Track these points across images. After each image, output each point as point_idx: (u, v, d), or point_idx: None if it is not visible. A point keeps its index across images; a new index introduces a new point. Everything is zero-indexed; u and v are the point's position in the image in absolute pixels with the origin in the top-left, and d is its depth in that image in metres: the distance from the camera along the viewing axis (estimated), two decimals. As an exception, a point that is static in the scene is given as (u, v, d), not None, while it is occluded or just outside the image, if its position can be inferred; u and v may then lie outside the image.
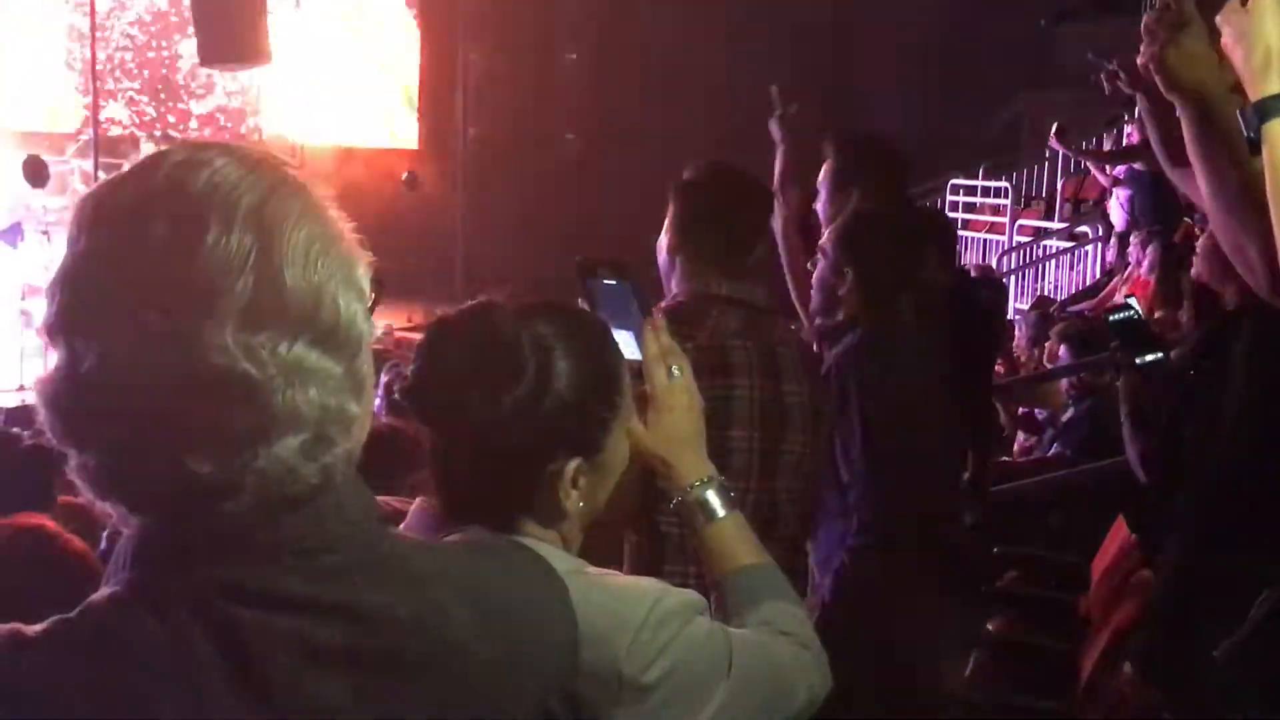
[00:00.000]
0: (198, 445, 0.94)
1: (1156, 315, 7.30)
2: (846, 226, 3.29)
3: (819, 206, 3.66)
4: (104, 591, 0.99)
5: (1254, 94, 1.39)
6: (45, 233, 9.65)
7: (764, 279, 3.01)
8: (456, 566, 1.14)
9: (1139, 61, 1.60)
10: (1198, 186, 1.65)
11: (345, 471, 1.02)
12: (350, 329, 0.99)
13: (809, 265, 3.35)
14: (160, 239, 0.94)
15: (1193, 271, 3.25)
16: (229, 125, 13.18)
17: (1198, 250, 3.02)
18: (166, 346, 0.93)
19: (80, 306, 0.96)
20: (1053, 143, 9.50)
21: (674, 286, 2.61)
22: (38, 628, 0.96)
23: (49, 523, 2.38)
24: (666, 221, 2.66)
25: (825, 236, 3.33)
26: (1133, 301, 5.55)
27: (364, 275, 1.02)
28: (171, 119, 12.77)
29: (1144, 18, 1.59)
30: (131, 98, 12.88)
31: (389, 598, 1.04)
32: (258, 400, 0.94)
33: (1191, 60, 1.55)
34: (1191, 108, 1.56)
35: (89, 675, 0.94)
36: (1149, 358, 3.23)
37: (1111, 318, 3.45)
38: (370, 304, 1.03)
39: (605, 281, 1.73)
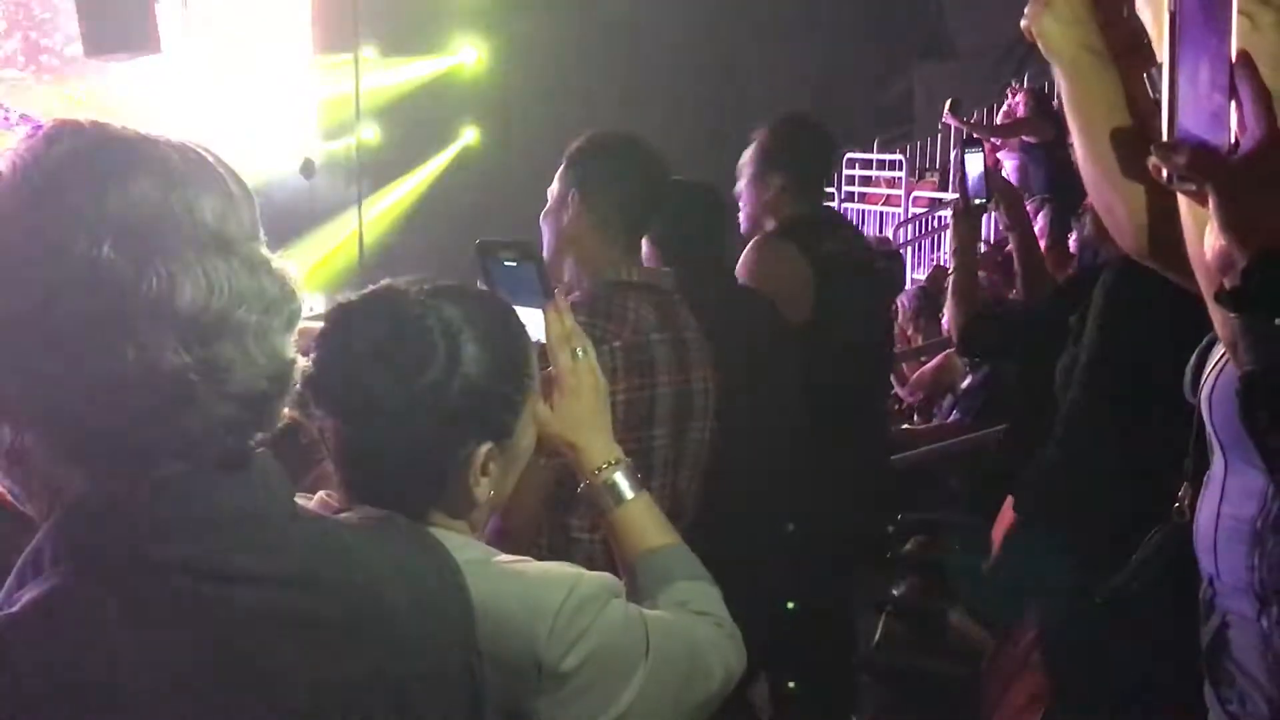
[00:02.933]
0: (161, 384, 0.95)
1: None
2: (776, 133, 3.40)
3: (740, 188, 3.63)
4: (43, 585, 0.96)
5: (1165, 73, 1.44)
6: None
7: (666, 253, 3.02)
8: (367, 538, 1.17)
9: (1021, 25, 1.64)
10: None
11: (267, 441, 1.05)
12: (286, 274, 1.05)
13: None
14: (76, 188, 0.96)
15: (1085, 232, 3.39)
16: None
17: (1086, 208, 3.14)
18: (113, 280, 0.94)
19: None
20: (947, 118, 9.62)
21: (573, 268, 2.47)
22: None
23: None
24: (556, 196, 2.50)
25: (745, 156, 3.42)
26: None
27: None
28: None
29: None
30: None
31: (330, 567, 1.08)
32: (241, 336, 0.98)
33: (1066, 26, 1.60)
34: (1067, 71, 1.61)
35: (51, 668, 0.93)
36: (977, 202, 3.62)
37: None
38: None
39: (506, 263, 1.71)
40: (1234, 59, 1.22)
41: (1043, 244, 8.35)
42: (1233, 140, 1.23)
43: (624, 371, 2.34)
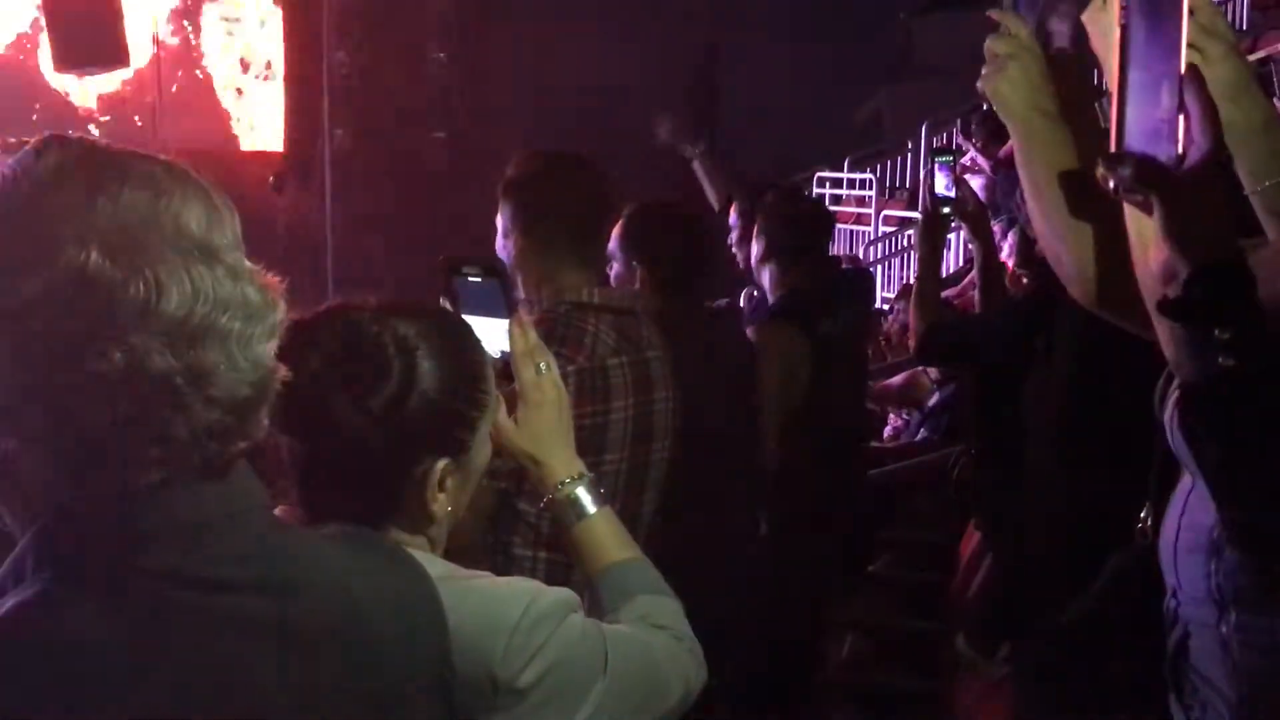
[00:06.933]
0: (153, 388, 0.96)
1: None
2: (631, 221, 3.26)
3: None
4: (25, 592, 0.97)
5: (1114, 87, 1.49)
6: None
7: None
8: (343, 550, 1.18)
9: (978, 85, 1.70)
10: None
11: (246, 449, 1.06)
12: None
13: None
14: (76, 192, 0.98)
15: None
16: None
17: None
18: (101, 284, 0.95)
19: None
20: (958, 139, 9.70)
21: (532, 291, 2.44)
22: None
23: None
24: (501, 228, 2.48)
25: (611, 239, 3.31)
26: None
27: None
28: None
29: (986, 40, 1.69)
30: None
31: (309, 576, 1.09)
32: (224, 342, 1.00)
33: (1019, 89, 1.66)
34: (1020, 130, 1.67)
35: (34, 673, 0.94)
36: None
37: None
38: None
39: (471, 279, 1.72)
40: (1183, 74, 1.24)
41: (1011, 261, 8.45)
42: (1180, 153, 1.25)
43: (577, 398, 2.27)
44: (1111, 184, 1.29)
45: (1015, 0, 1.70)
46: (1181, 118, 1.25)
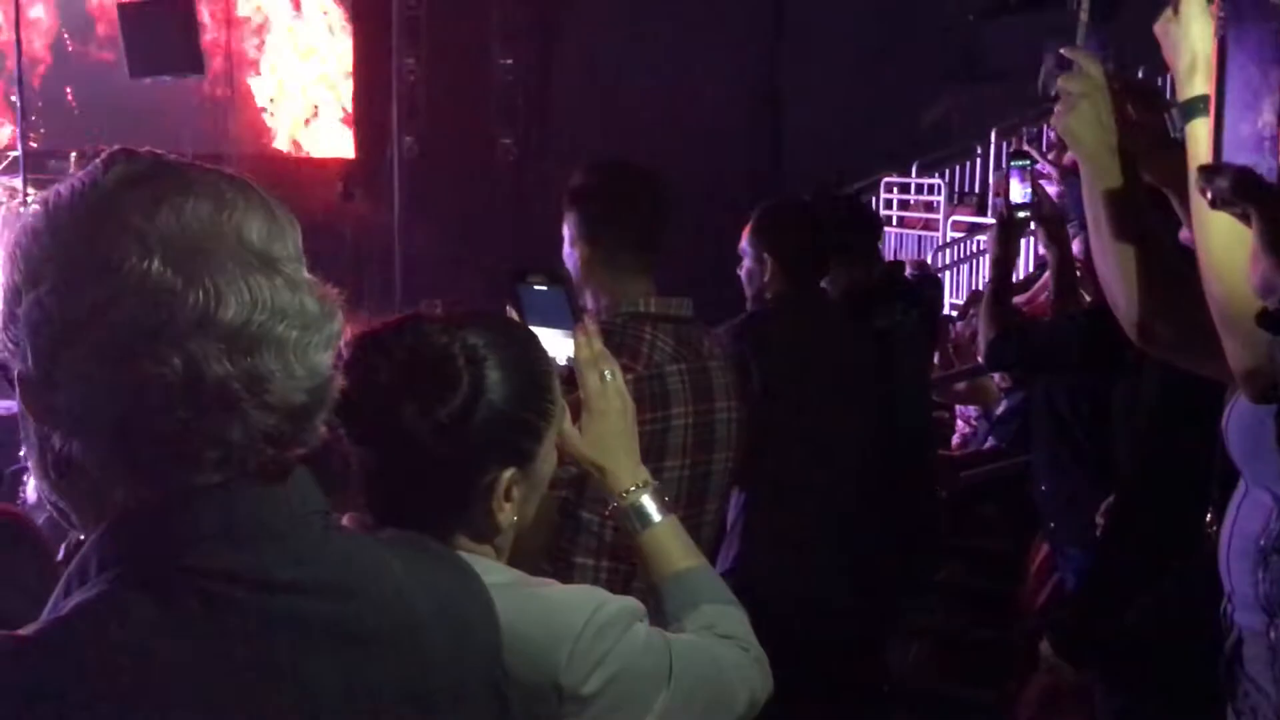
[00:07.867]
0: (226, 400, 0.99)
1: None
2: (762, 217, 3.48)
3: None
4: (87, 593, 1.00)
5: (1181, 96, 1.53)
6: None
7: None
8: (399, 555, 1.19)
9: (1051, 122, 1.78)
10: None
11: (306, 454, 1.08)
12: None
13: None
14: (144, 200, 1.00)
15: None
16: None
17: None
18: (162, 292, 0.97)
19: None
20: (1026, 148, 9.63)
21: (593, 300, 2.49)
22: (31, 630, 0.98)
23: (19, 510, 2.36)
24: (570, 233, 2.53)
25: (744, 237, 3.50)
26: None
27: None
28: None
29: (1059, 79, 1.75)
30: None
31: (363, 579, 1.10)
32: (281, 350, 1.01)
33: (1090, 125, 1.71)
34: (1088, 167, 1.73)
35: (96, 671, 0.96)
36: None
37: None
38: None
39: (536, 287, 1.74)
40: None
41: (1081, 256, 8.36)
42: (1279, 165, 1.25)
43: (636, 404, 2.33)
44: (1209, 195, 1.29)
45: (1088, 39, 1.72)
46: None
